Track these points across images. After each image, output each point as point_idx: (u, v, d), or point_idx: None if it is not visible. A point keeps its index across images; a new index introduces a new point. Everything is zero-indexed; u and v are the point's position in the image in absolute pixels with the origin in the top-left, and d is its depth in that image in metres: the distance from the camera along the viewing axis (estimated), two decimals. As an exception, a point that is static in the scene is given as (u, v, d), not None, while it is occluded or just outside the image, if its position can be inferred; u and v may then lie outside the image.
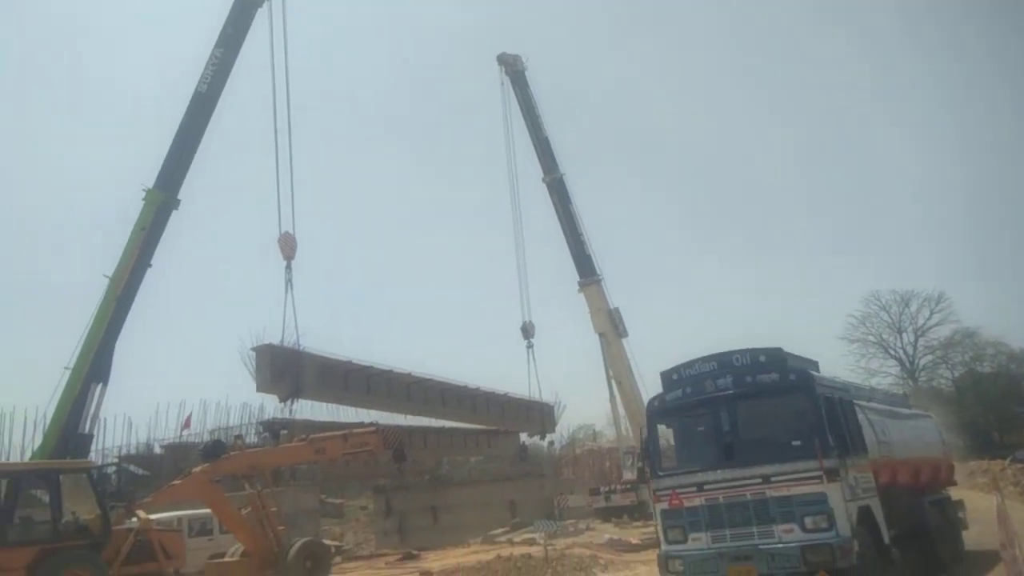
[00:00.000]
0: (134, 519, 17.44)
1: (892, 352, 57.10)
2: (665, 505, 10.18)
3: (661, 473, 10.46)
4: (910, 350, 56.66)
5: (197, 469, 18.57)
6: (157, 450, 33.97)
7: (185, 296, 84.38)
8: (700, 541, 9.73)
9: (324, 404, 32.75)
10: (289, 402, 28.34)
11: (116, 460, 28.61)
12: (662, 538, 10.19)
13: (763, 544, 9.14)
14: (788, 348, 10.73)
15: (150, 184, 25.87)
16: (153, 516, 18.12)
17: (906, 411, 14.40)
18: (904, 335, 56.70)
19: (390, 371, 32.25)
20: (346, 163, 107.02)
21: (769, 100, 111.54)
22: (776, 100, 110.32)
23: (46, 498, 15.99)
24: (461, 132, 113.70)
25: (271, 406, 33.19)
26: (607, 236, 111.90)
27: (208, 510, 19.81)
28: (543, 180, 37.89)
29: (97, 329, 24.68)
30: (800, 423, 9.55)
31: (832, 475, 9.01)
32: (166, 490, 18.81)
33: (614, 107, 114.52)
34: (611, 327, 36.15)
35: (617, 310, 36.77)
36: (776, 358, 10.11)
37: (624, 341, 35.79)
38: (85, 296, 29.01)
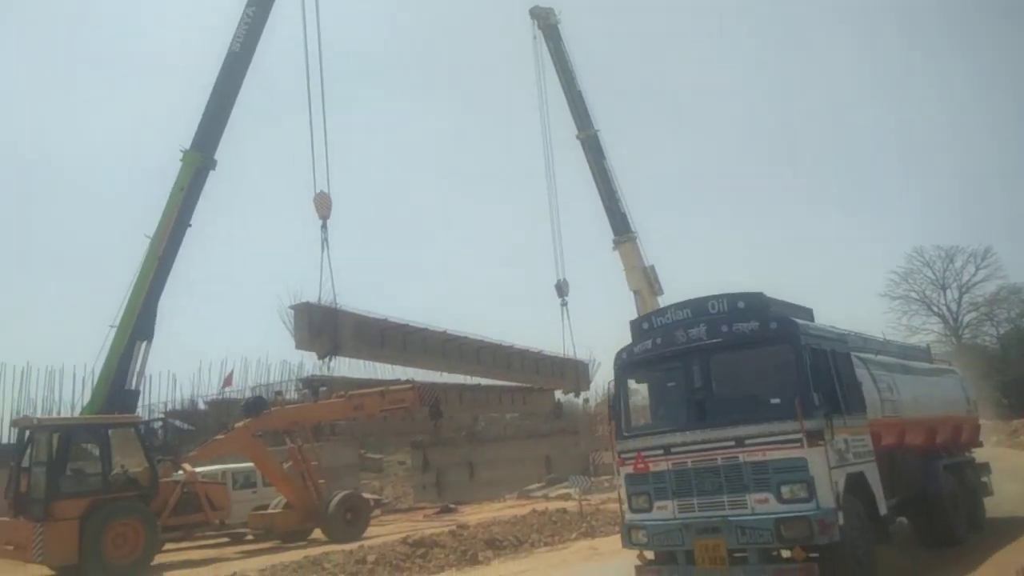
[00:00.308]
0: (180, 472, 18.04)
1: (935, 309, 55.91)
2: (630, 469, 9.12)
3: (626, 434, 9.40)
4: (954, 307, 55.39)
5: (240, 424, 19.11)
6: (201, 406, 34.78)
7: (224, 255, 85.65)
8: (666, 510, 8.67)
9: (362, 361, 33.28)
10: (327, 359, 28.83)
11: (162, 415, 29.42)
12: (626, 506, 9.20)
13: (734, 515, 8.10)
14: (826, 306, 10.13)
15: (187, 145, 26.13)
16: (198, 469, 18.71)
17: (924, 365, 13.14)
18: (948, 292, 55.39)
19: (425, 329, 32.55)
20: (379, 122, 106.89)
21: (807, 54, 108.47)
22: (814, 53, 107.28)
23: (96, 452, 16.55)
24: (494, 88, 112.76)
25: (310, 363, 33.74)
26: (642, 193, 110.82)
27: (251, 464, 20.42)
28: (577, 136, 37.49)
29: (140, 288, 25.20)
30: (781, 378, 8.44)
31: (814, 438, 7.93)
32: (210, 444, 19.39)
33: (650, 60, 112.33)
34: (646, 285, 36.00)
35: (652, 268, 36.58)
36: (756, 304, 8.92)
37: (659, 299, 35.61)
38: (128, 255, 29.66)
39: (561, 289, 37.65)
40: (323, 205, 26.96)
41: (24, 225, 78.75)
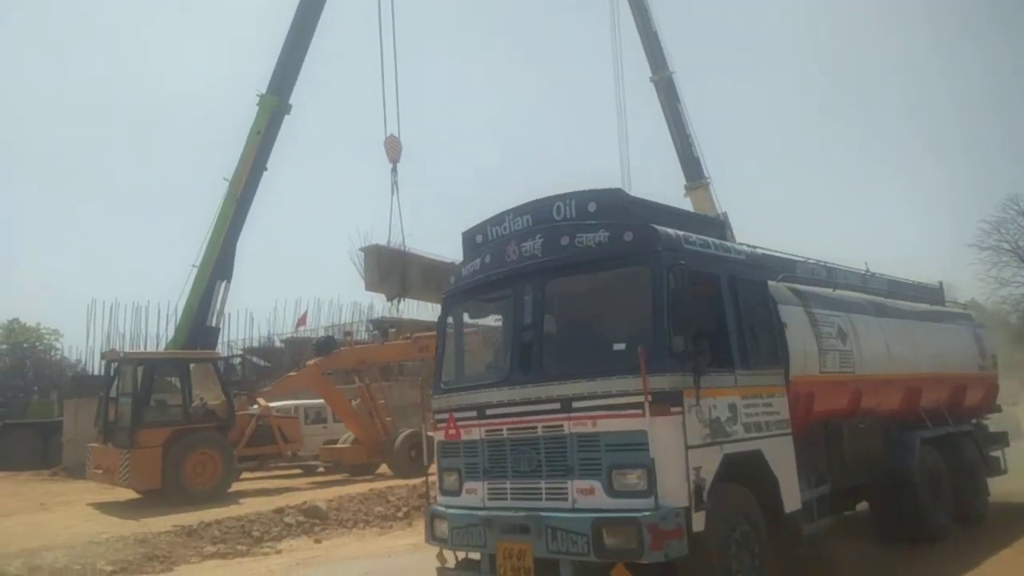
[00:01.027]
0: (256, 406, 18.92)
1: (1028, 260, 53.10)
2: (442, 436, 7.04)
3: (443, 386, 7.25)
4: (1050, 259, 52.49)
5: (311, 362, 19.83)
6: (277, 344, 36.16)
7: (300, 198, 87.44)
8: (475, 495, 6.54)
9: (431, 304, 33.84)
10: (396, 301, 29.45)
11: (241, 352, 30.73)
12: (438, 485, 7.16)
13: (548, 510, 5.86)
14: (902, 259, 8.86)
15: (264, 89, 26.67)
16: (273, 404, 19.58)
17: (918, 308, 10.34)
18: (1044, 243, 52.45)
19: (492, 274, 32.65)
20: (450, 65, 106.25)
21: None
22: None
23: (178, 384, 17.48)
24: (565, 27, 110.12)
25: (380, 305, 34.56)
26: (716, 138, 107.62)
27: (322, 400, 21.25)
28: (651, 79, 36.48)
29: (220, 229, 26.12)
30: (635, 314, 6.11)
31: (665, 402, 5.57)
32: (283, 381, 20.24)
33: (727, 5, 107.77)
34: (718, 232, 35.32)
35: (725, 215, 35.56)
36: (613, 205, 6.46)
37: (731, 248, 34.88)
38: (209, 197, 30.67)
39: (630, 235, 37.20)
40: (393, 149, 27.08)
41: (113, 166, 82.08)
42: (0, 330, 38.83)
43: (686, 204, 36.47)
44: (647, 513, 5.37)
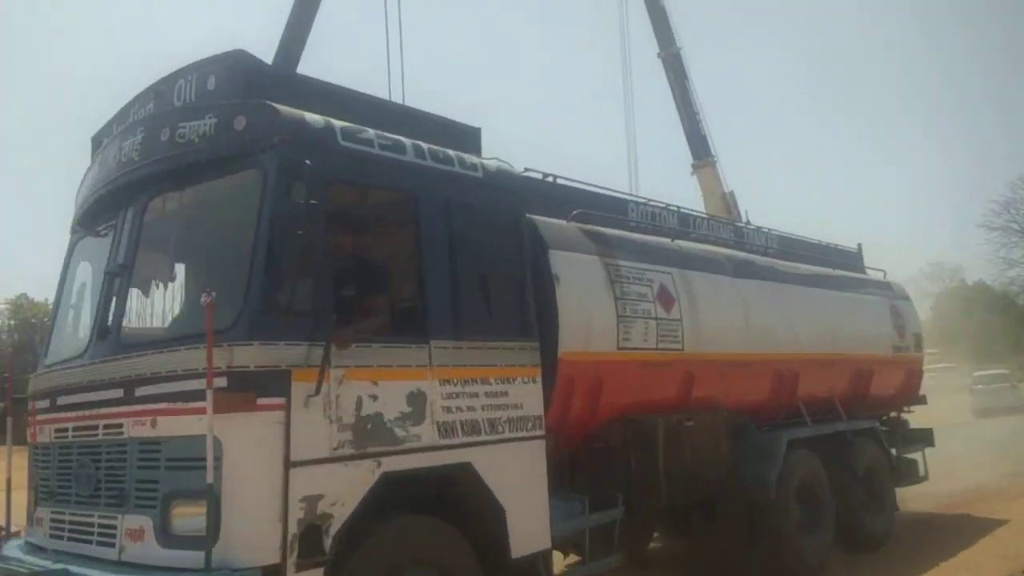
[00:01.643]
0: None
1: (1038, 241, 52.73)
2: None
3: (46, 361, 5.03)
4: (1060, 239, 52.05)
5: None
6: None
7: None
8: (41, 528, 4.44)
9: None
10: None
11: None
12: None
13: (88, 564, 3.82)
14: (899, 241, 7.44)
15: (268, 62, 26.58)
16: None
17: (808, 271, 8.05)
18: (1055, 223, 52.00)
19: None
20: (456, 33, 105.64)
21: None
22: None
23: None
24: (572, 4, 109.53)
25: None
26: (726, 116, 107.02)
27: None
28: (658, 55, 36.20)
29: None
30: (245, 247, 3.90)
31: (248, 388, 3.54)
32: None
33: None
34: (725, 211, 34.99)
35: (732, 194, 35.40)
36: (236, 78, 4.23)
37: (738, 228, 34.80)
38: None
39: (636, 214, 37.01)
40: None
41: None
42: (8, 306, 38.96)
43: (692, 183, 36.41)
44: None
